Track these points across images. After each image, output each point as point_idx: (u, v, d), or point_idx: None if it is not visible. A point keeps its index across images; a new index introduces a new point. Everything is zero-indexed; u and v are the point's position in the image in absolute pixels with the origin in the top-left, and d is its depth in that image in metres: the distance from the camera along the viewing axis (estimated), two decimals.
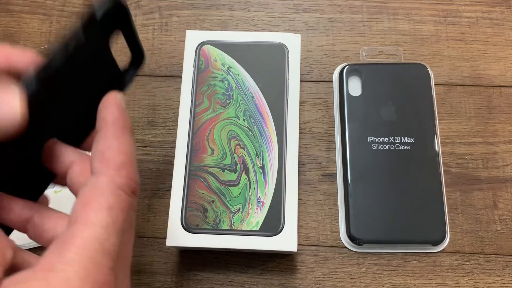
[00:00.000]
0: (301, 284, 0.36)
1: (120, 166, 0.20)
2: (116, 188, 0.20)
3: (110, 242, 0.19)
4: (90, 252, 0.18)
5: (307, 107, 0.41)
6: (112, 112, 0.21)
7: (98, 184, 0.20)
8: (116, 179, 0.20)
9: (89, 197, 0.19)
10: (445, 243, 0.36)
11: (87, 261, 0.18)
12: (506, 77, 0.41)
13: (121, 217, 0.20)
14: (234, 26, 0.43)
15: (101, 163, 0.20)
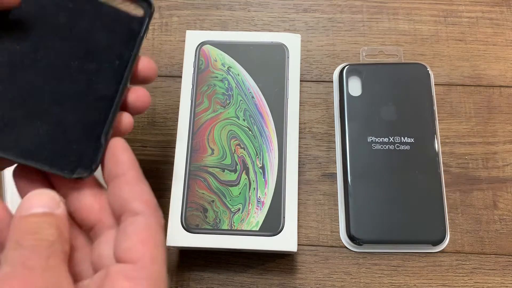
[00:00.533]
0: (301, 284, 0.36)
1: (157, 207, 0.23)
2: (161, 227, 0.23)
3: (166, 276, 0.22)
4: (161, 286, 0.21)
5: (307, 107, 0.41)
6: (130, 157, 0.24)
7: (150, 223, 0.22)
8: (159, 219, 0.23)
9: (146, 236, 0.22)
10: (445, 243, 0.36)
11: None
12: (506, 77, 0.41)
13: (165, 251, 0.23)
14: (234, 26, 0.43)
15: (143, 204, 0.23)
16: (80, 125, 0.25)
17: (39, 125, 0.25)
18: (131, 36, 0.28)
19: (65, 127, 0.25)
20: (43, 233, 0.20)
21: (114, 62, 0.27)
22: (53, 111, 0.25)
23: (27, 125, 0.25)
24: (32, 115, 0.25)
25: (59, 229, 0.21)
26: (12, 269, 0.19)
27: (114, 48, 0.27)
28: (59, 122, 0.25)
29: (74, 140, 0.25)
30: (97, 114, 0.26)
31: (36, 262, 0.19)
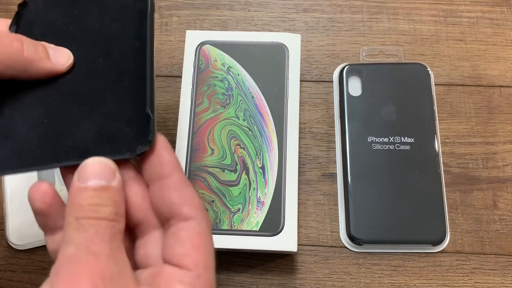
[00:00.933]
0: (301, 284, 0.36)
1: (206, 211, 0.23)
2: (211, 232, 0.22)
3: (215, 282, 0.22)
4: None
5: (307, 107, 0.41)
6: (174, 157, 0.23)
7: (202, 229, 0.22)
8: (209, 224, 0.23)
9: (199, 242, 0.21)
10: (445, 243, 0.36)
11: None
12: (506, 77, 0.41)
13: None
14: (234, 26, 0.43)
15: (194, 208, 0.22)
16: (125, 108, 0.26)
17: (88, 124, 0.25)
18: (140, 15, 0.28)
19: (112, 116, 0.25)
20: (102, 211, 0.20)
21: (134, 43, 0.27)
22: (95, 107, 0.26)
23: (78, 127, 0.25)
24: (79, 117, 0.25)
25: (116, 204, 0.21)
26: (77, 251, 0.19)
27: (129, 31, 0.28)
28: (105, 114, 0.25)
29: (125, 124, 0.25)
30: (137, 93, 0.26)
31: (100, 247, 0.19)
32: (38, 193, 0.22)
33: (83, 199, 0.20)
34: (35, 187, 0.22)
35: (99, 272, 0.18)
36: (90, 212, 0.20)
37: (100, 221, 0.20)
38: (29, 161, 0.24)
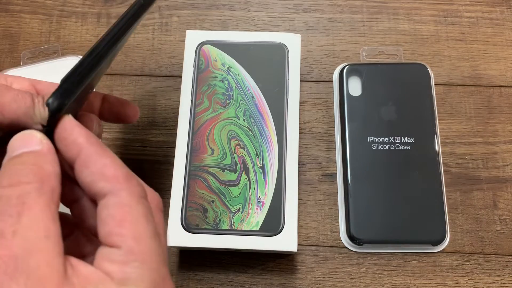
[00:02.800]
0: (301, 284, 0.36)
1: (128, 177, 0.20)
2: (138, 198, 0.20)
3: (162, 250, 0.20)
4: (153, 265, 0.19)
5: (307, 107, 0.41)
6: (81, 133, 0.21)
7: (121, 200, 0.20)
8: (132, 190, 0.20)
9: (122, 215, 0.20)
10: (445, 243, 0.36)
11: (153, 273, 0.19)
12: (506, 77, 0.41)
13: (155, 221, 0.21)
14: (234, 26, 0.43)
15: (108, 181, 0.20)
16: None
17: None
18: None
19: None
20: (17, 176, 0.19)
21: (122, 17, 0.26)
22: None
23: None
24: None
25: (37, 166, 0.19)
26: None
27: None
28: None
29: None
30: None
31: (5, 225, 0.17)
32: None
33: (3, 169, 0.19)
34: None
35: (1, 254, 0.17)
36: (5, 179, 0.19)
37: (12, 188, 0.18)
38: None
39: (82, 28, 0.44)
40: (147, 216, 0.20)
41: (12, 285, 0.16)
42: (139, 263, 0.19)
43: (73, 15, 0.44)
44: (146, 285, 0.19)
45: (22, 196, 0.18)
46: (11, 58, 0.43)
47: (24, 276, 0.17)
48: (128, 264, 0.19)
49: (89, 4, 0.44)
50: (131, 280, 0.18)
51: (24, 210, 0.18)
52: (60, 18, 0.44)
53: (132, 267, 0.19)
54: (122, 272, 0.19)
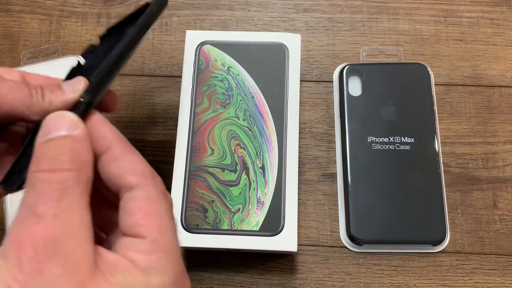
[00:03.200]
0: (301, 284, 0.36)
1: (153, 175, 0.21)
2: (163, 194, 0.21)
3: (179, 246, 0.21)
4: (175, 258, 0.20)
5: (307, 107, 0.41)
6: (111, 130, 0.22)
7: (149, 195, 0.21)
8: (158, 187, 0.21)
9: (148, 209, 0.20)
10: (445, 243, 0.36)
11: (175, 266, 0.20)
12: (506, 77, 0.41)
13: (173, 218, 0.22)
14: (234, 26, 0.43)
15: (136, 176, 0.21)
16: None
17: None
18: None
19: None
20: (57, 161, 0.19)
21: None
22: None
23: None
24: None
25: (75, 153, 0.20)
26: (24, 213, 0.18)
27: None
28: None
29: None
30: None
31: (46, 207, 0.18)
32: None
33: (41, 152, 0.20)
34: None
35: (41, 235, 0.17)
36: (44, 163, 0.19)
37: (52, 173, 0.19)
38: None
39: (82, 28, 0.44)
40: (169, 212, 0.21)
41: (51, 266, 0.17)
42: (163, 253, 0.20)
43: (73, 15, 0.44)
44: (169, 275, 0.19)
45: (62, 182, 0.19)
46: (11, 58, 0.43)
47: (61, 258, 0.17)
48: (152, 254, 0.19)
49: (89, 4, 0.44)
50: (155, 269, 0.19)
51: (64, 196, 0.18)
52: (60, 18, 0.44)
53: (157, 257, 0.19)
54: (147, 260, 0.19)
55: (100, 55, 0.25)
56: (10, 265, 0.17)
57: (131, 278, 0.18)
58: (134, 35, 0.26)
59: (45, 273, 0.17)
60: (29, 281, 0.16)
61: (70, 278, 0.17)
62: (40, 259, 0.17)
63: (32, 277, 0.17)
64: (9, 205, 0.37)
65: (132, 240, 0.20)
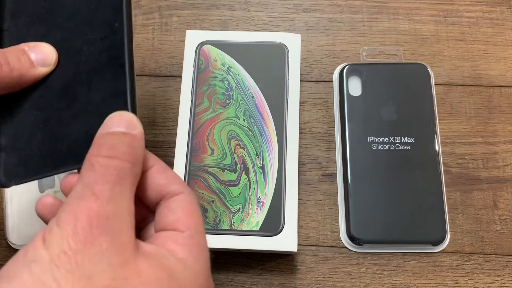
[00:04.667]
0: (301, 284, 0.36)
1: (188, 187, 0.24)
2: (197, 201, 0.24)
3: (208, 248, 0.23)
4: (206, 257, 0.22)
5: (307, 107, 0.41)
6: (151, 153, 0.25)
7: (192, 200, 0.23)
8: (194, 195, 0.24)
9: (190, 210, 0.23)
10: (445, 243, 0.36)
11: (206, 263, 0.22)
12: (506, 77, 0.41)
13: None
14: (234, 26, 0.43)
15: (180, 185, 0.24)
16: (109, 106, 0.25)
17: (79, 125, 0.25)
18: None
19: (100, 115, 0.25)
20: (116, 149, 0.21)
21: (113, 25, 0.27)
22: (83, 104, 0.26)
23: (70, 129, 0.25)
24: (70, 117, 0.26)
25: (132, 148, 0.22)
26: (82, 190, 0.20)
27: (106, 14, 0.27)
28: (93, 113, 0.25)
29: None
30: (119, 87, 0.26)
31: (103, 188, 0.20)
32: (45, 207, 0.24)
33: (102, 140, 0.22)
34: (41, 202, 0.24)
35: (96, 211, 0.19)
36: (104, 150, 0.21)
37: (111, 160, 0.21)
38: (33, 171, 0.25)
39: None
40: (201, 216, 0.24)
41: (101, 240, 0.19)
42: (198, 248, 0.22)
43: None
44: (201, 268, 0.21)
45: (119, 170, 0.21)
46: None
47: (110, 235, 0.19)
48: (189, 247, 0.21)
49: None
50: (190, 260, 0.21)
51: (118, 182, 0.20)
52: None
53: (192, 250, 0.21)
54: (184, 251, 0.21)
55: None
56: (65, 233, 0.18)
57: (169, 263, 0.20)
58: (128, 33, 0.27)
59: (95, 245, 0.18)
60: (81, 249, 0.18)
61: (116, 253, 0.19)
62: (93, 232, 0.19)
63: (84, 246, 0.18)
64: (9, 205, 0.37)
65: (171, 233, 0.22)
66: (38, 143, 0.25)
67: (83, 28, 0.27)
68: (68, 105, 0.26)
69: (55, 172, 0.25)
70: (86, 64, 0.26)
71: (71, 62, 0.27)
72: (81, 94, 0.26)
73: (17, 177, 0.25)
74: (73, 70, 0.26)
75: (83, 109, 0.25)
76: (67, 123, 0.25)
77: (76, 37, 0.27)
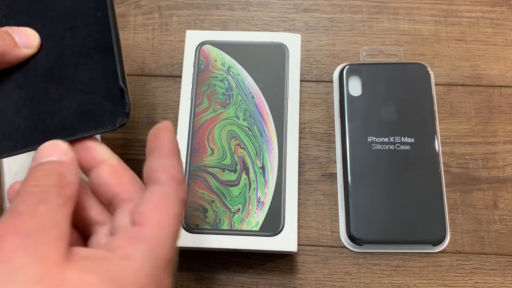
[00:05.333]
0: (301, 284, 0.36)
1: (181, 182, 0.23)
2: (180, 200, 0.23)
3: (174, 248, 0.22)
4: (161, 254, 0.21)
5: (307, 107, 0.41)
6: (173, 137, 0.25)
7: (168, 194, 0.23)
8: (179, 193, 0.23)
9: (160, 203, 0.22)
10: (445, 243, 0.36)
11: (157, 261, 0.21)
12: (506, 77, 0.41)
13: (180, 225, 0.23)
14: (234, 26, 0.43)
15: (166, 176, 0.23)
16: (98, 83, 0.27)
17: (68, 102, 0.26)
18: None
19: (88, 92, 0.27)
20: (42, 179, 0.21)
21: (96, 14, 0.28)
22: (71, 83, 0.27)
23: (60, 105, 0.26)
24: (59, 95, 0.26)
25: (60, 174, 0.22)
26: (6, 214, 0.20)
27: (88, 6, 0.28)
28: (81, 90, 0.27)
29: (101, 98, 0.26)
30: (107, 66, 0.27)
31: (24, 207, 0.20)
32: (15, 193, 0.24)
33: (32, 172, 0.22)
34: (12, 188, 0.24)
35: (15, 229, 0.19)
36: (32, 180, 0.22)
37: (36, 187, 0.21)
38: (22, 143, 0.26)
39: None
40: (177, 216, 0.22)
41: (19, 255, 0.19)
42: (151, 244, 0.21)
43: None
44: (144, 265, 0.20)
45: (43, 193, 0.21)
46: None
47: (30, 249, 0.19)
48: (140, 242, 0.21)
49: None
50: (135, 257, 0.20)
51: (42, 202, 0.20)
52: None
53: (141, 246, 0.21)
54: (131, 247, 0.21)
55: None
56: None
57: (105, 265, 0.20)
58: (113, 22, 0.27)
59: (14, 260, 0.18)
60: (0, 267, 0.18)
61: (34, 266, 0.19)
62: (14, 249, 0.19)
63: (2, 264, 0.18)
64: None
65: (128, 228, 0.22)
66: (25, 119, 0.26)
67: (65, 18, 0.28)
68: (55, 84, 0.27)
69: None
70: (70, 48, 0.27)
71: (55, 47, 0.28)
72: (68, 75, 0.27)
73: (5, 150, 0.26)
74: (57, 53, 0.27)
75: (72, 88, 0.26)
76: (56, 101, 0.26)
77: (58, 26, 0.28)
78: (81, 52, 0.27)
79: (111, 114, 0.26)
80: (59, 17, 0.28)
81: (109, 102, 0.26)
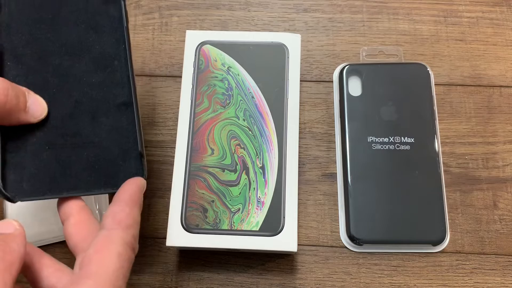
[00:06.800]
0: (301, 284, 0.36)
1: (128, 227, 0.25)
2: (124, 241, 0.25)
3: (119, 284, 0.23)
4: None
5: (307, 107, 0.41)
6: (133, 189, 0.27)
7: (110, 236, 0.24)
8: (124, 236, 0.25)
9: (102, 245, 0.24)
10: (445, 243, 0.36)
11: None
12: (506, 77, 0.41)
13: (126, 265, 0.24)
14: (234, 26, 0.43)
15: (113, 221, 0.25)
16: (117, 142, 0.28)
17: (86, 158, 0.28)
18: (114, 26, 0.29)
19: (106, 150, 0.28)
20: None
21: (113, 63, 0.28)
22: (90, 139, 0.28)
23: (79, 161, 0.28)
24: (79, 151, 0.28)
25: (4, 243, 0.23)
26: None
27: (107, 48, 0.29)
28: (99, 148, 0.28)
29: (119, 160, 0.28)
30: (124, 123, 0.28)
31: None
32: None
33: None
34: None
35: None
36: None
37: None
38: (40, 190, 0.27)
39: None
40: (121, 256, 0.24)
41: None
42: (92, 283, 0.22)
43: None
44: None
45: None
46: None
47: None
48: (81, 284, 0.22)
49: None
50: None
51: None
52: None
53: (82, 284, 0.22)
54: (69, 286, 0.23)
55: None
56: None
57: None
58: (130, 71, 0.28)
59: None
60: None
61: None
62: None
63: None
64: (9, 206, 0.37)
65: (77, 272, 0.24)
66: (43, 164, 0.27)
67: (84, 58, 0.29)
68: (77, 141, 0.28)
69: (60, 195, 0.27)
70: (88, 95, 0.28)
71: (74, 89, 0.28)
72: (85, 124, 0.28)
73: (23, 194, 0.27)
74: (75, 99, 0.28)
75: (88, 140, 0.28)
76: (76, 157, 0.27)
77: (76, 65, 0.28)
78: (101, 107, 0.28)
79: (126, 177, 0.27)
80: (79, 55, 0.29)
81: (126, 164, 0.28)
